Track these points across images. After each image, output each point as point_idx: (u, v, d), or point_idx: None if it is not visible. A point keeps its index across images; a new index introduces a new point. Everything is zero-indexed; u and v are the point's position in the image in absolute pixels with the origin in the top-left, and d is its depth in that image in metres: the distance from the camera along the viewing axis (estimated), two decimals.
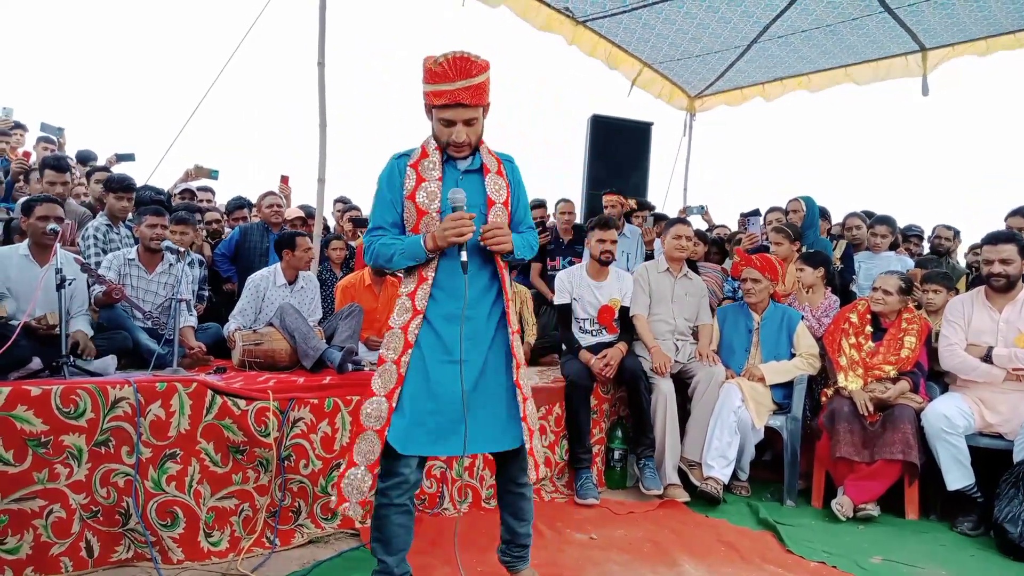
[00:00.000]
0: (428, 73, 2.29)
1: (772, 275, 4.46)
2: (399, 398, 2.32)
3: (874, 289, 4.25)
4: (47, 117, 7.37)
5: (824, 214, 5.82)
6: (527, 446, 2.47)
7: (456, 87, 2.27)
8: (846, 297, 5.09)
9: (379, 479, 2.32)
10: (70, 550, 2.69)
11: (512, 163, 2.59)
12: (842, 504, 3.80)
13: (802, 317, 4.51)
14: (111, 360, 3.50)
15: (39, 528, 2.64)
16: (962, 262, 6.57)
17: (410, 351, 2.34)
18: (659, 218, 6.47)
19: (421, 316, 2.35)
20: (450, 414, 2.33)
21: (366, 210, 7.18)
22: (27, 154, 6.15)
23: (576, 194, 7.28)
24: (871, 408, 3.93)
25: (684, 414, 4.29)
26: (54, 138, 6.54)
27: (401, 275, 2.53)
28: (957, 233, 6.44)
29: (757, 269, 4.45)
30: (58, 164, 4.72)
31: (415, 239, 2.35)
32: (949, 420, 3.71)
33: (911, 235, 6.44)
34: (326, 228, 6.19)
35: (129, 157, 6.44)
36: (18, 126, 6.77)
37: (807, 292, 4.73)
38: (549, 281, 5.65)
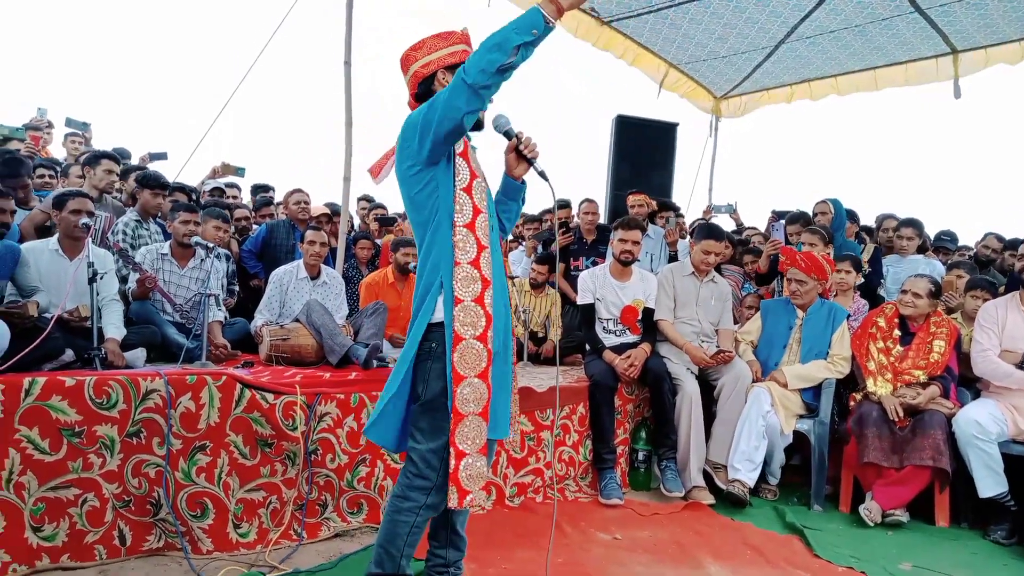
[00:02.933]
0: (461, 37, 2.32)
1: (819, 275, 4.33)
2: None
3: (903, 292, 4.20)
4: (75, 114, 7.53)
5: (852, 216, 5.74)
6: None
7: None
8: (873, 301, 5.03)
9: (435, 492, 2.16)
10: (104, 538, 2.74)
11: None
12: (870, 509, 3.75)
13: (848, 316, 4.41)
14: (140, 353, 3.55)
15: (74, 516, 2.68)
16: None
17: (492, 325, 2.17)
18: (679, 214, 6.43)
19: (491, 286, 2.19)
20: (494, 395, 2.23)
21: (391, 208, 7.21)
22: (36, 139, 6.33)
23: (600, 194, 7.27)
24: (901, 413, 3.88)
25: (708, 416, 4.26)
26: (80, 132, 6.67)
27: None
28: (1007, 245, 6.03)
29: (802, 270, 4.32)
30: (115, 155, 4.95)
31: (528, 11, 2.00)
32: (981, 426, 3.65)
33: (944, 240, 6.32)
34: (352, 226, 6.24)
35: (162, 156, 6.56)
36: (48, 125, 6.94)
37: (834, 296, 4.68)
38: (572, 281, 5.64)
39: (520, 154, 2.36)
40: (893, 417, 3.87)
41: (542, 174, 2.29)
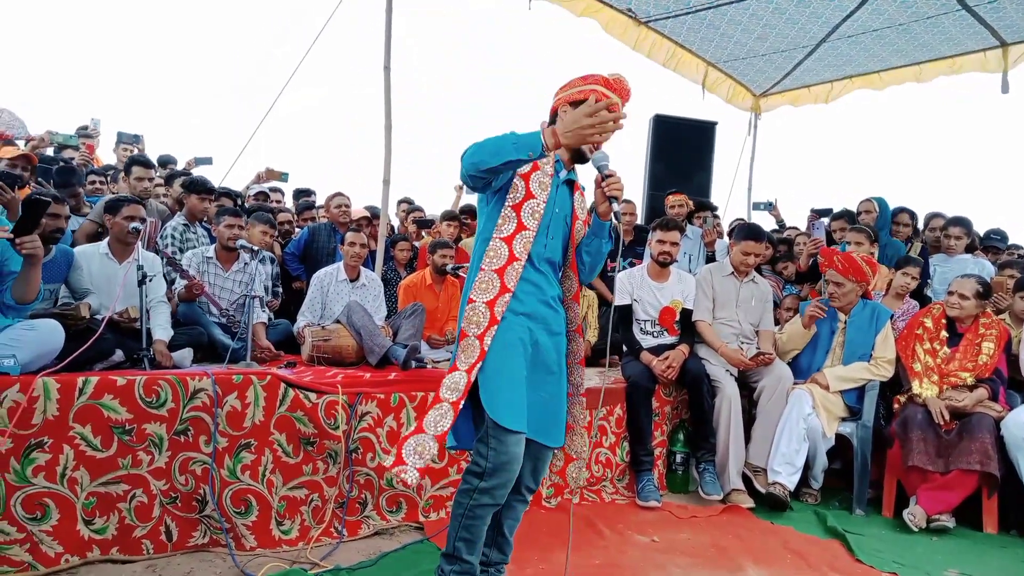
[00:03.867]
0: (602, 80, 2.39)
1: (857, 276, 4.21)
2: (480, 371, 2.24)
3: (950, 293, 4.10)
4: (125, 120, 7.78)
5: (911, 215, 5.60)
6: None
7: (619, 104, 2.38)
8: (920, 301, 4.92)
9: (486, 477, 2.23)
10: (151, 533, 2.83)
11: (583, 191, 2.62)
12: (914, 514, 3.67)
13: (892, 316, 4.31)
14: (187, 353, 3.66)
15: (123, 511, 2.78)
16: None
17: (495, 328, 2.26)
18: (715, 213, 6.36)
19: (510, 294, 2.30)
20: (544, 401, 2.37)
21: (429, 211, 7.29)
22: (91, 147, 6.53)
23: (637, 195, 7.24)
24: (947, 416, 3.79)
25: (748, 419, 4.22)
26: (132, 144, 6.89)
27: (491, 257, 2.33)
28: None
29: (839, 272, 4.22)
30: (145, 161, 5.09)
31: (534, 132, 2.16)
32: None
33: (993, 238, 6.14)
34: (391, 229, 6.32)
35: (207, 161, 6.73)
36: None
37: (882, 296, 4.58)
38: (609, 282, 5.62)
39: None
40: (939, 420, 3.78)
41: (616, 214, 2.36)
